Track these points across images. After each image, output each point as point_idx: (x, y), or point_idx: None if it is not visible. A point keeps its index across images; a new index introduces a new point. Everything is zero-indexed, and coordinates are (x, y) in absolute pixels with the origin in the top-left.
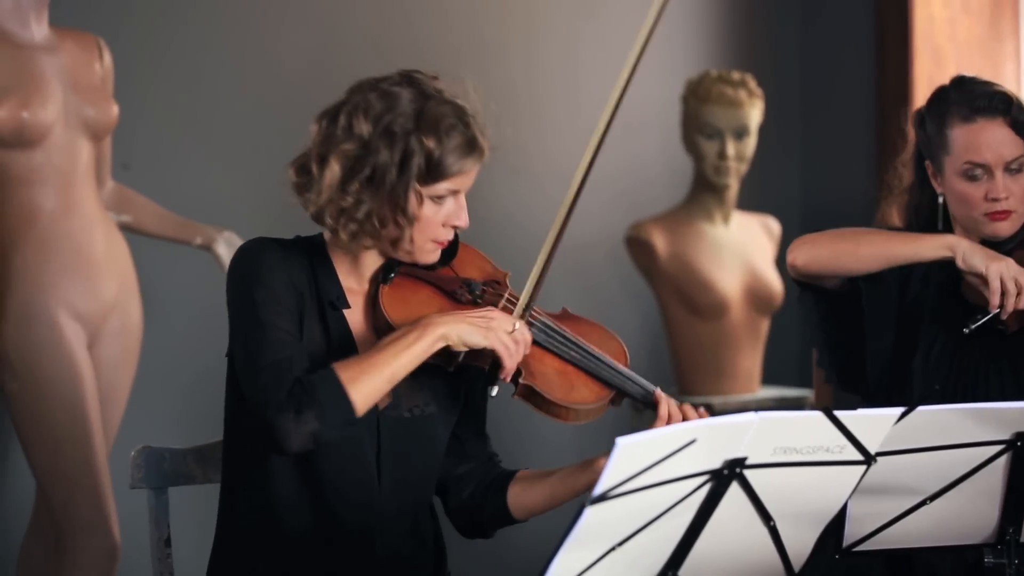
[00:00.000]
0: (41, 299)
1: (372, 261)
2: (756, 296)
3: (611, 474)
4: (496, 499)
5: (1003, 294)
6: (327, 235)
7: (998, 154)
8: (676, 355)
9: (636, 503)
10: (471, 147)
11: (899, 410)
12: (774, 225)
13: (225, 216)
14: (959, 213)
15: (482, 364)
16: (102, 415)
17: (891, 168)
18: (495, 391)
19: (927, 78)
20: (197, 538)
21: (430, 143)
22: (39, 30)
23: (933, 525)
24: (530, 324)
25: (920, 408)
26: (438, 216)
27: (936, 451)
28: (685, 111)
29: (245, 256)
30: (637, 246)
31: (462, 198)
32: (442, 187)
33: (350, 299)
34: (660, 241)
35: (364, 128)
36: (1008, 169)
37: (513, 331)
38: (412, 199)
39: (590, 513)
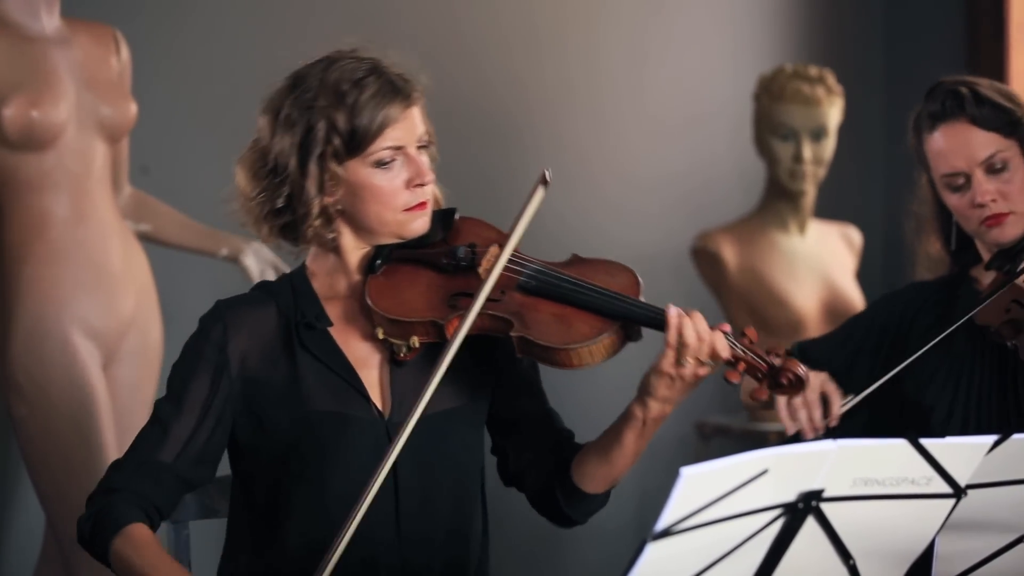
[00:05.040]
0: (52, 315)
1: (356, 254)
2: (835, 313)
3: (675, 507)
4: (563, 476)
5: None
6: (308, 259)
7: (968, 156)
8: None
9: (702, 539)
10: (388, 94)
11: (992, 438)
12: (855, 235)
13: None
14: (965, 228)
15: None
16: (118, 442)
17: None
18: None
19: None
20: None
21: (333, 111)
22: (50, 21)
23: None
24: (519, 272)
25: (1015, 436)
26: (395, 182)
27: None
28: (757, 110)
29: (199, 326)
30: (704, 258)
31: (412, 152)
32: (378, 149)
33: (336, 309)
34: (729, 252)
35: (266, 125)
36: (989, 169)
37: None
38: (333, 175)
39: (652, 550)
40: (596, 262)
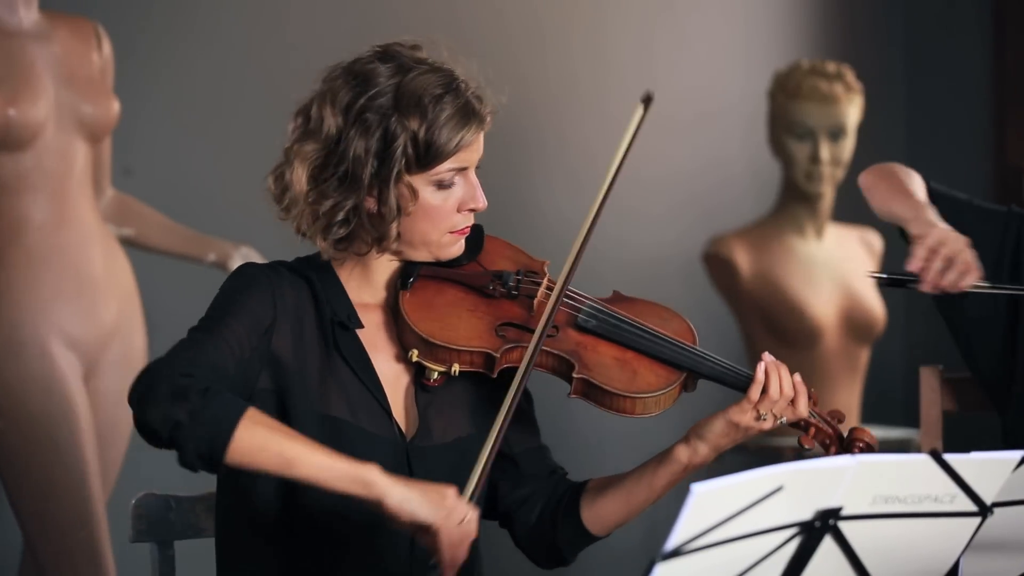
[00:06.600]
0: (30, 324)
1: (385, 267)
2: (854, 322)
3: (686, 526)
4: (569, 516)
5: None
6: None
7: None
8: None
9: (713, 559)
10: (466, 116)
11: (1018, 454)
12: (875, 240)
13: (241, 229)
14: None
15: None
16: (100, 457)
17: None
18: None
19: None
20: None
21: (414, 123)
22: (28, 15)
23: None
24: (576, 309)
25: None
26: (448, 202)
27: None
28: (772, 108)
29: (236, 272)
30: (717, 264)
31: (472, 175)
32: (443, 169)
33: (363, 316)
34: (743, 258)
35: (332, 120)
36: None
37: (462, 522)
38: (404, 191)
39: (661, 570)
40: (643, 303)
